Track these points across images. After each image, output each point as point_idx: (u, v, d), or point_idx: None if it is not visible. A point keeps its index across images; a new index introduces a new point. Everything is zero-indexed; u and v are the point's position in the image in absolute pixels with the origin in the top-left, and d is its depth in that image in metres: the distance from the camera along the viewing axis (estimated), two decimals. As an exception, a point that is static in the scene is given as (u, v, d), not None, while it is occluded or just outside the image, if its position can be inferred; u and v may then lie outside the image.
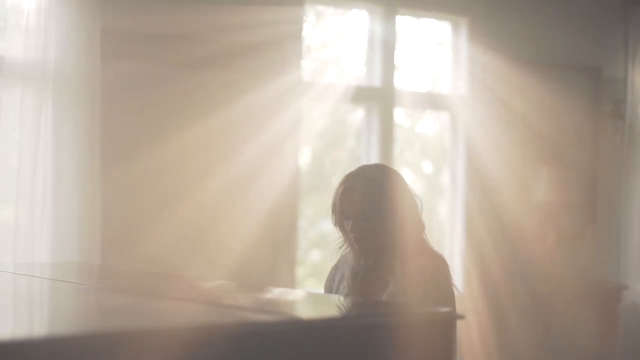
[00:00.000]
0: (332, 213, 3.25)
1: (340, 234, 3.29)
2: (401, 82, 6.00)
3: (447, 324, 2.45)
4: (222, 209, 5.20)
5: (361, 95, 5.85)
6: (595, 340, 6.63)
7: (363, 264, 3.29)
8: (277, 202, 5.36)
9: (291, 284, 5.44)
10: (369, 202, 3.15)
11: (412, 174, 6.45)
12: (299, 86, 5.48)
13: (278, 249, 5.43)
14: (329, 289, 3.41)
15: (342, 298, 3.15)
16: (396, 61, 5.93)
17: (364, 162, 5.74)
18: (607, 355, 6.59)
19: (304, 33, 5.56)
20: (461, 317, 2.46)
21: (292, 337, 2.21)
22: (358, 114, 6.03)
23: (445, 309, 2.50)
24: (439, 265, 3.17)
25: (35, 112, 4.64)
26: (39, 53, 4.65)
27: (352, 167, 3.39)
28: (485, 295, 6.16)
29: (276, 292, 3.28)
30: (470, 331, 5.90)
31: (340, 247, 3.34)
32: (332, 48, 6.10)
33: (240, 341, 2.14)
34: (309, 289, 5.38)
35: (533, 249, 6.33)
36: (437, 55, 6.29)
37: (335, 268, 3.40)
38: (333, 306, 2.88)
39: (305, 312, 2.77)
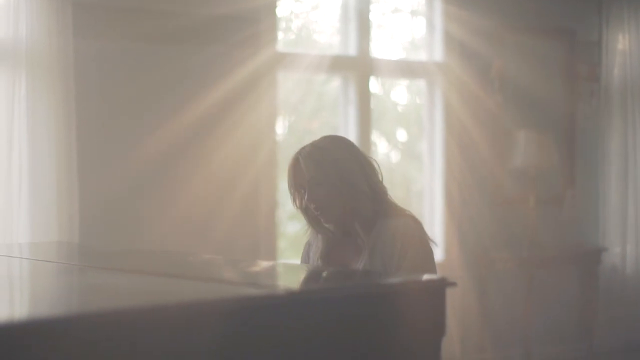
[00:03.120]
0: (290, 194, 3.18)
1: (303, 216, 3.22)
2: (377, 50, 5.96)
3: (439, 291, 2.43)
4: (201, 184, 5.17)
5: (337, 64, 5.80)
6: (577, 302, 6.67)
7: (325, 246, 3.23)
8: (255, 175, 5.34)
9: (272, 256, 5.42)
10: (315, 168, 3.09)
11: (388, 143, 6.42)
12: (274, 57, 5.44)
13: (259, 222, 5.40)
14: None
15: (332, 269, 3.11)
16: (371, 30, 5.88)
17: (341, 132, 5.72)
18: (587, 317, 6.62)
19: (278, 4, 5.50)
20: (453, 284, 2.44)
21: (285, 309, 2.18)
22: (334, 84, 5.99)
23: (437, 277, 2.47)
24: (409, 224, 3.10)
25: (9, 92, 4.58)
26: (10, 31, 4.59)
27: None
28: (466, 262, 6.17)
29: (264, 265, 3.25)
30: (452, 299, 5.89)
31: (305, 233, 3.29)
32: (307, 18, 6.05)
33: (229, 316, 2.10)
34: (290, 261, 5.35)
35: (513, 214, 6.33)
36: (412, 23, 6.26)
37: (309, 245, 3.35)
38: (325, 277, 2.85)
39: (298, 284, 2.74)
